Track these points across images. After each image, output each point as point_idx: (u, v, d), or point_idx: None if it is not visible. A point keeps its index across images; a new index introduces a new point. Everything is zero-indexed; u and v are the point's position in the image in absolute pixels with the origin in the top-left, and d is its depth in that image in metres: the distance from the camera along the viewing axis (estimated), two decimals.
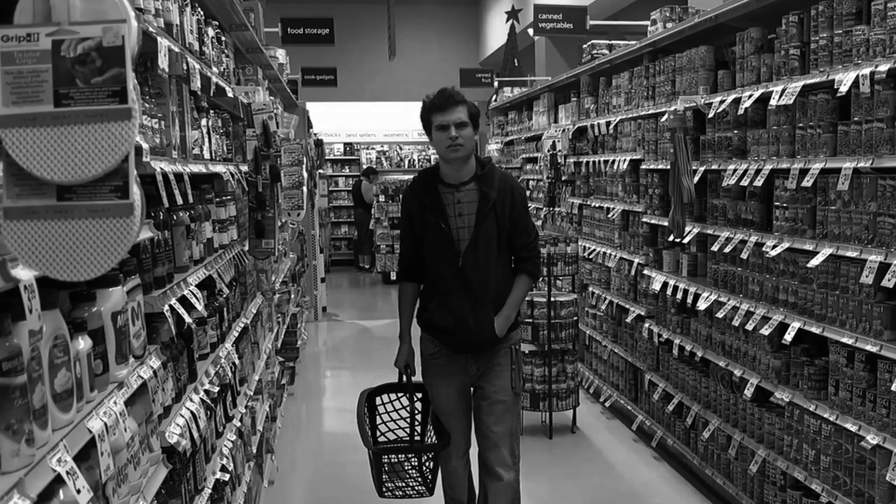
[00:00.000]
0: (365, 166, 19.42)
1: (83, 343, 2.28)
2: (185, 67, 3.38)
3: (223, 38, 5.12)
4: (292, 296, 9.34)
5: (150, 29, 2.90)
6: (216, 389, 3.94)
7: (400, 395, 4.83)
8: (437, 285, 4.45)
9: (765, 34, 4.98)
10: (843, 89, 3.99)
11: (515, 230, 4.44)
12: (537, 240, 4.59)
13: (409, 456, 4.60)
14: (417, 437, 4.81)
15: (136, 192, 1.91)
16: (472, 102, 4.43)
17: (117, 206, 1.90)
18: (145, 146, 2.70)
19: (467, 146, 4.32)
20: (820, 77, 4.26)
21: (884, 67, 3.75)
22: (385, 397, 4.82)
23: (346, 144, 20.91)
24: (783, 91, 4.53)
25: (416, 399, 4.79)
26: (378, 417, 4.82)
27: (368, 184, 17.57)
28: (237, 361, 4.67)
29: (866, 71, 3.85)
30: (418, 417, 4.81)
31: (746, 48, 5.08)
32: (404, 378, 4.72)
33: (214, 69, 4.60)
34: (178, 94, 3.57)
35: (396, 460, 4.55)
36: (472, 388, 4.61)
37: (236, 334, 4.70)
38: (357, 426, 4.57)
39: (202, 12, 4.34)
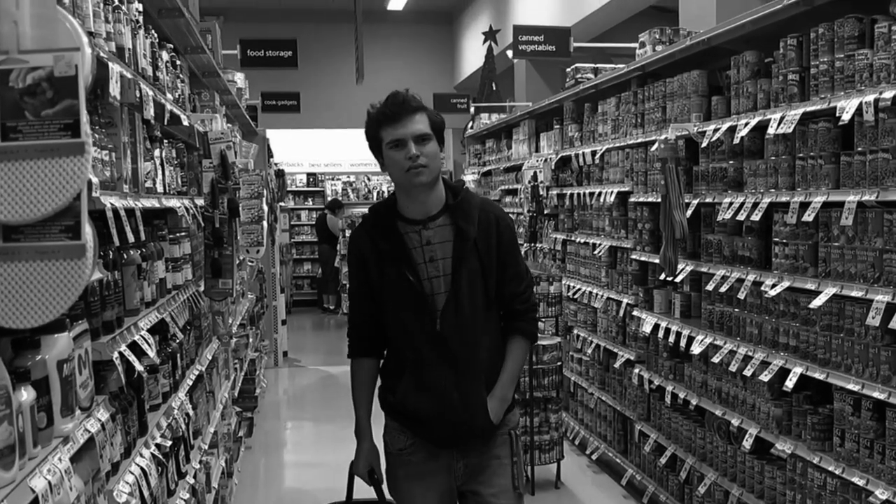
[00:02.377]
0: (330, 198, 19.44)
1: (26, 394, 2.28)
2: (137, 95, 3.40)
3: (178, 62, 5.15)
4: (250, 340, 9.30)
5: (102, 54, 2.92)
6: (168, 443, 3.92)
7: None
8: (407, 357, 3.68)
9: (761, 58, 5.05)
10: (846, 117, 4.05)
11: (504, 274, 3.70)
12: (532, 287, 3.86)
13: None
14: None
15: (88, 231, 1.93)
16: (432, 109, 3.68)
17: (68, 247, 1.91)
18: (95, 180, 2.70)
19: (433, 166, 3.55)
20: (821, 104, 4.32)
21: (888, 94, 3.80)
22: None
23: (309, 175, 20.94)
24: (782, 119, 4.59)
25: None
26: None
27: (334, 217, 17.58)
28: (191, 412, 4.64)
29: (870, 98, 3.91)
30: None
31: (742, 73, 5.15)
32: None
33: (169, 95, 4.62)
34: (131, 123, 3.59)
35: None
36: (457, 493, 3.78)
37: (190, 383, 4.68)
38: None
39: (156, 35, 4.37)
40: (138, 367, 3.33)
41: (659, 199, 5.93)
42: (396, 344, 3.76)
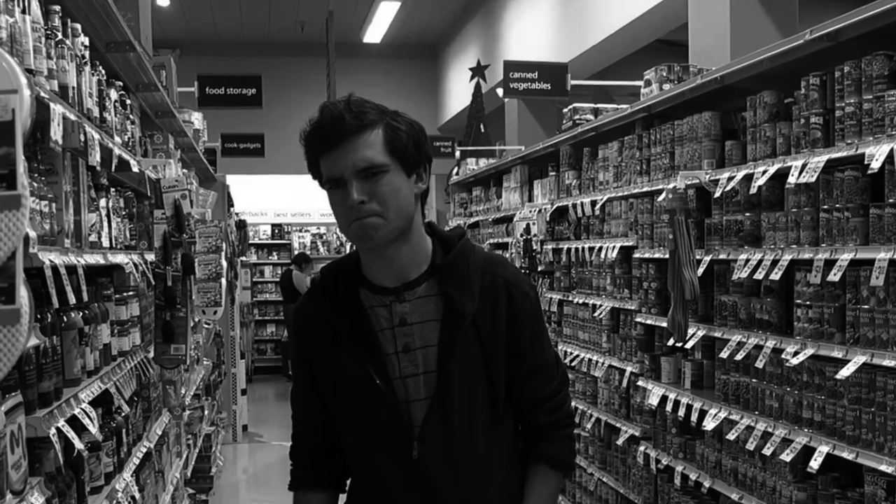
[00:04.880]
0: (297, 252, 19.43)
1: None
2: (82, 139, 3.40)
3: (128, 101, 5.17)
4: (206, 412, 9.26)
5: (43, 94, 2.93)
6: None
7: None
8: (373, 495, 2.85)
9: (781, 98, 5.08)
10: (875, 165, 4.05)
11: (520, 370, 2.80)
12: (566, 388, 2.95)
13: None
14: None
15: (23, 295, 1.92)
16: (400, 117, 2.78)
17: (1, 312, 1.90)
18: (32, 234, 2.70)
19: (391, 214, 2.63)
20: (847, 150, 4.34)
21: None
22: None
23: (274, 226, 20.96)
24: (804, 167, 4.60)
25: None
26: None
27: (300, 273, 17.55)
28: (137, 495, 4.61)
29: None
30: None
31: (759, 115, 5.18)
32: None
33: (117, 139, 4.64)
34: (74, 170, 3.59)
35: None
36: None
37: (137, 461, 4.65)
38: None
39: (104, 71, 4.40)
40: (78, 444, 3.31)
41: (667, 256, 5.93)
42: (358, 474, 2.91)
